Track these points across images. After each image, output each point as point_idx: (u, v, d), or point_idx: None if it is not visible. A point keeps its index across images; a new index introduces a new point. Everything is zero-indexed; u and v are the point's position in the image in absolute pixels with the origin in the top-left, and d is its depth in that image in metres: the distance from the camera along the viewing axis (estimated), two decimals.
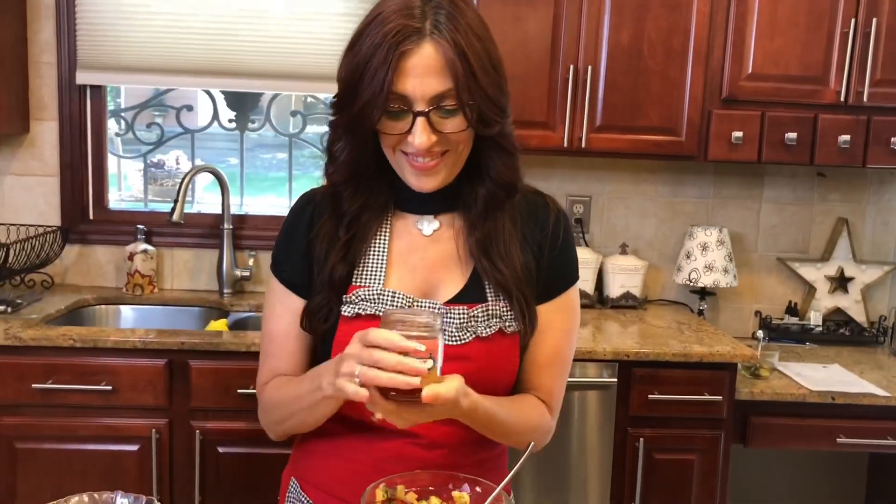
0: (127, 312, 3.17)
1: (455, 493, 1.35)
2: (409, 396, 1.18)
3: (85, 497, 1.32)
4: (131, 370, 2.61)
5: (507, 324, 1.40)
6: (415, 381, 1.15)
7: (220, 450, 2.66)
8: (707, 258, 3.25)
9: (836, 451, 3.50)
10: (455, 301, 1.40)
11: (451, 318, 1.39)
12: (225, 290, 3.22)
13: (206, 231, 3.29)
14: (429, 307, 1.28)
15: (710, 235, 3.26)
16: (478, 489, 1.35)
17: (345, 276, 1.40)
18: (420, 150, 1.23)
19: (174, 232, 3.26)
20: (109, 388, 2.59)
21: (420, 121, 1.20)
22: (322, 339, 1.46)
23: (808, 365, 3.04)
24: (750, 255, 3.49)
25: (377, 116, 1.20)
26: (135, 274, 3.17)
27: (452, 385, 1.21)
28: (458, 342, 1.39)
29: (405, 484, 1.33)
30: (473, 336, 1.39)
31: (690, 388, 2.75)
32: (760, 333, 3.06)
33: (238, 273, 3.23)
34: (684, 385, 2.75)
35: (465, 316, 1.40)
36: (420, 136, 1.20)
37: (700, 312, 3.37)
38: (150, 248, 3.20)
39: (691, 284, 3.30)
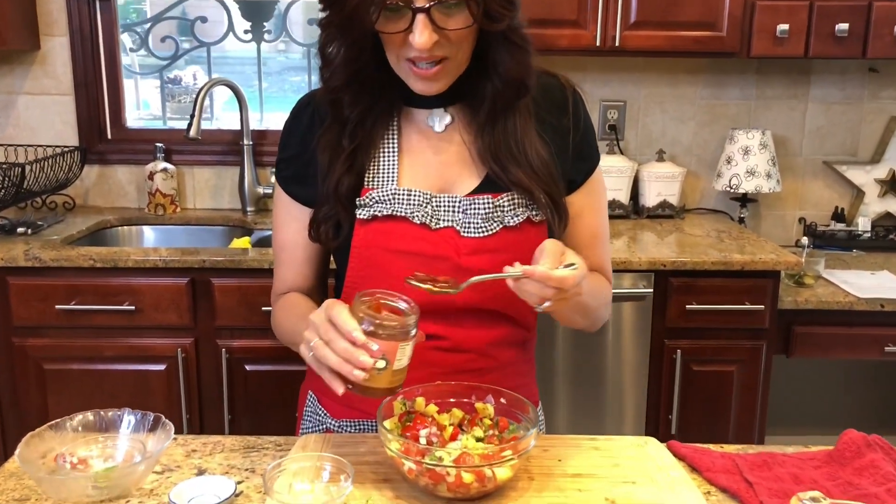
0: (149, 233, 3.11)
1: (478, 405, 1.27)
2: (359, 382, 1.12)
3: (90, 415, 1.27)
4: (153, 290, 2.56)
5: (534, 212, 1.31)
6: (358, 376, 1.09)
7: (248, 368, 2.62)
8: (749, 163, 3.09)
9: (882, 370, 3.38)
10: (477, 192, 1.31)
11: (475, 209, 1.30)
12: (248, 208, 3.14)
13: (226, 148, 3.20)
14: (407, 307, 1.16)
15: (752, 139, 3.09)
16: (502, 400, 1.27)
17: (352, 187, 1.30)
18: (421, 50, 1.11)
19: (193, 149, 3.17)
20: (132, 308, 2.55)
21: (420, 17, 1.08)
22: (337, 247, 1.38)
23: (855, 272, 2.90)
24: (794, 158, 3.31)
25: (375, 14, 1.07)
26: (156, 193, 3.11)
27: (578, 272, 1.13)
28: (485, 233, 1.30)
29: (425, 396, 1.25)
30: (500, 226, 1.31)
31: (731, 297, 2.63)
32: (805, 240, 2.92)
33: (260, 190, 3.15)
34: (724, 295, 2.63)
35: (490, 205, 1.30)
36: (420, 34, 1.09)
37: (741, 220, 3.23)
38: (169, 166, 3.12)
39: (732, 191, 3.15)
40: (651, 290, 2.63)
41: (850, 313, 2.70)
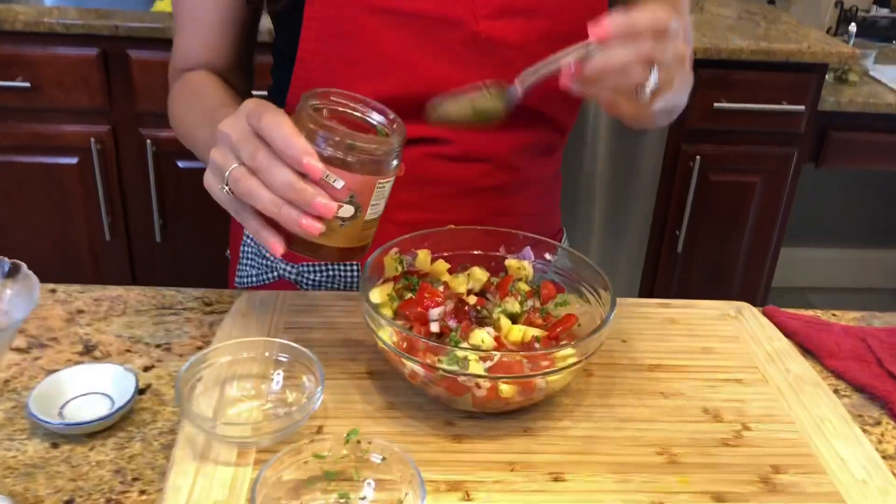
0: None
1: (511, 262, 0.85)
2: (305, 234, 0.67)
3: None
4: (53, 62, 2.00)
5: None
6: (311, 229, 0.65)
7: (181, 165, 2.14)
8: None
9: None
10: None
11: None
12: None
13: None
14: (384, 122, 0.72)
15: None
16: (548, 256, 0.84)
17: None
18: None
19: None
20: (27, 84, 2.00)
21: None
22: (276, 17, 0.90)
23: None
24: None
25: None
26: None
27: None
28: None
29: (430, 247, 0.82)
30: None
31: (767, 94, 2.18)
32: (853, 27, 2.44)
33: None
34: (760, 91, 2.18)
35: None
36: None
37: (770, 1, 2.71)
38: None
39: None
40: None
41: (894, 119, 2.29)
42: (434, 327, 0.73)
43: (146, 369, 0.80)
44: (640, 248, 2.38)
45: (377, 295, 0.76)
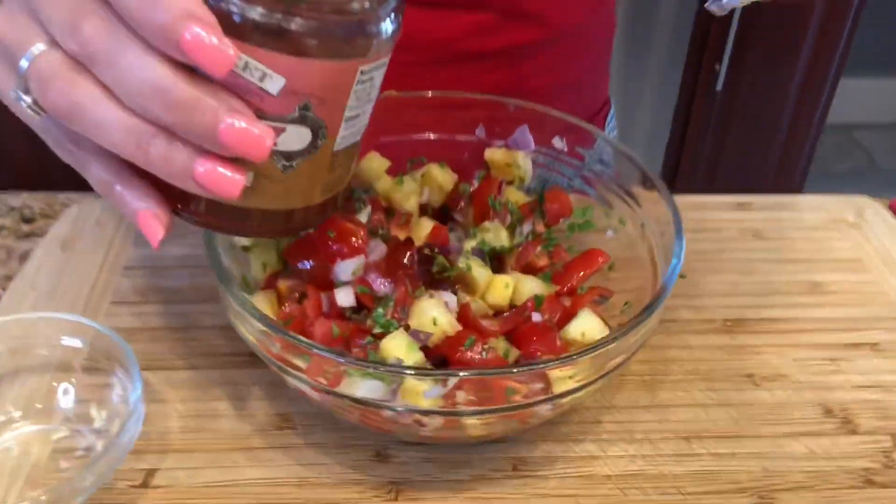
0: None
1: (494, 153, 0.50)
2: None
3: None
4: None
5: None
6: (225, 184, 0.30)
7: None
8: None
9: None
10: None
11: None
12: None
13: None
14: None
15: None
16: (556, 143, 0.49)
17: None
18: None
19: None
20: None
21: None
22: None
23: None
24: None
25: None
26: None
27: None
28: None
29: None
30: None
31: None
32: None
33: None
34: None
35: None
36: None
37: None
38: None
39: None
40: None
41: None
42: (343, 298, 0.40)
43: None
44: (673, 85, 2.00)
45: (252, 247, 0.42)
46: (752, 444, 0.43)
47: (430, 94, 0.49)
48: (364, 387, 0.34)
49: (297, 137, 0.31)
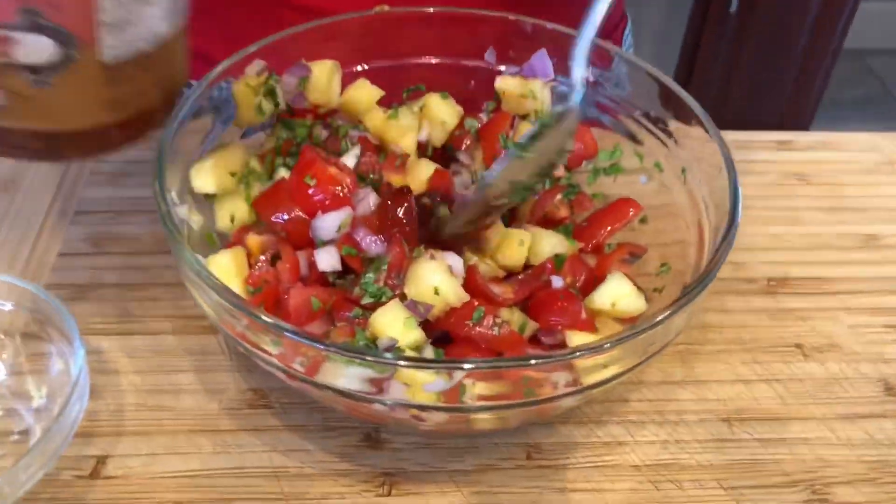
0: None
1: (506, 80, 0.43)
2: None
3: None
4: None
5: None
6: None
7: None
8: None
9: None
10: None
11: None
12: None
13: None
14: None
15: None
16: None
17: None
18: None
19: None
20: None
21: None
22: None
23: None
24: None
25: None
26: None
27: None
28: None
29: (339, 57, 0.40)
30: None
31: None
32: None
33: None
34: None
35: None
36: None
37: None
38: None
39: None
40: None
41: None
42: (326, 260, 0.33)
43: None
44: (677, 10, 1.89)
45: (207, 176, 0.35)
46: (803, 427, 0.37)
47: (431, 10, 0.41)
48: (349, 375, 0.28)
49: (36, 49, 0.27)
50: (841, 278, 0.44)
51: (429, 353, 0.31)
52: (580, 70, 0.35)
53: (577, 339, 0.33)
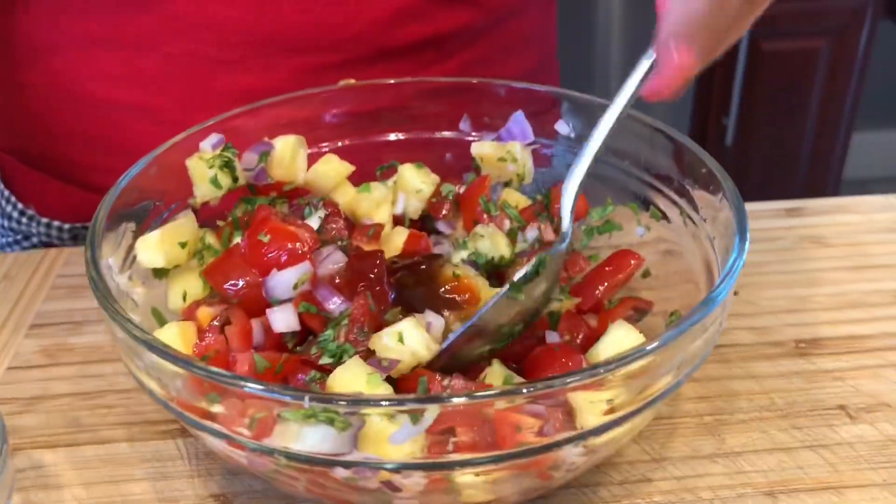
0: None
1: (483, 147, 0.40)
2: None
3: None
4: None
5: None
6: None
7: None
8: None
9: None
10: None
11: None
12: None
13: None
14: None
15: None
16: (565, 126, 0.39)
17: None
18: None
19: None
20: None
21: None
22: None
23: None
24: None
25: None
26: None
27: None
28: None
29: (305, 132, 0.38)
30: None
31: None
32: None
33: None
34: None
35: None
36: None
37: None
38: None
39: None
40: None
41: None
42: (281, 319, 0.29)
43: None
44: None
45: (154, 249, 0.31)
46: (861, 495, 0.31)
47: (391, 81, 0.39)
48: (306, 436, 0.23)
49: None
50: (878, 335, 0.39)
51: None
52: (567, 216, 0.33)
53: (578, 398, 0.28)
